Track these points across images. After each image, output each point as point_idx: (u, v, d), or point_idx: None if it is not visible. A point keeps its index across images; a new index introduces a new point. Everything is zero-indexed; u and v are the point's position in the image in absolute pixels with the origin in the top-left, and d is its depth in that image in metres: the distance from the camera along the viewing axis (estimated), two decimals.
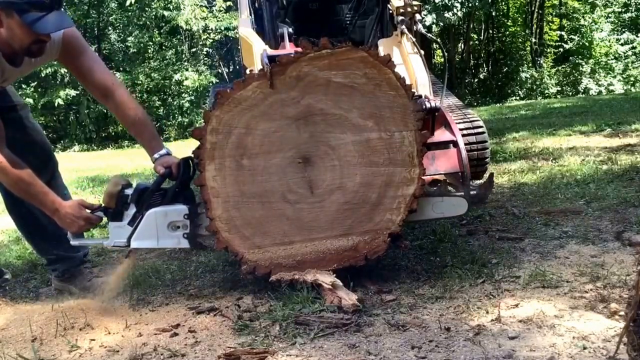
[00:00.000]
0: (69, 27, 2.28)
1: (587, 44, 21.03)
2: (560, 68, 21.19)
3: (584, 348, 1.76)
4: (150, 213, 2.40)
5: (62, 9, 2.21)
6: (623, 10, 22.21)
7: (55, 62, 2.58)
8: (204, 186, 2.32)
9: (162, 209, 2.41)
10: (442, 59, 20.28)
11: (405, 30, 3.40)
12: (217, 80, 17.31)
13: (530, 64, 21.75)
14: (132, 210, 2.43)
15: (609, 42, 21.19)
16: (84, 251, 2.87)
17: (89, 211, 2.44)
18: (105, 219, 2.49)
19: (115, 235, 2.44)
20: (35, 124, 2.75)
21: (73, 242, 2.53)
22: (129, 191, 2.44)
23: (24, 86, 15.67)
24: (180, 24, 16.97)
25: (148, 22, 17.90)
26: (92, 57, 2.50)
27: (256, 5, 4.48)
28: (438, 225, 3.18)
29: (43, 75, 15.56)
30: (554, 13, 22.80)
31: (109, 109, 2.59)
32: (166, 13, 17.16)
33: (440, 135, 3.11)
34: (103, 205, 2.46)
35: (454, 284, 2.38)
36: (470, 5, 15.63)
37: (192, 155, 2.38)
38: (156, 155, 2.51)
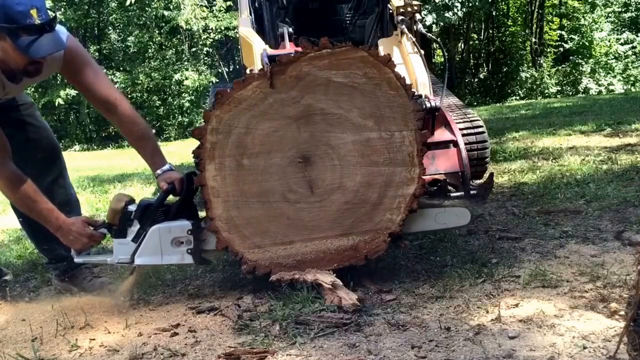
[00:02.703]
0: (62, 49, 2.23)
1: (587, 43, 21.02)
2: (560, 68, 21.19)
3: (584, 348, 1.76)
4: (154, 229, 2.39)
5: (55, 31, 2.15)
6: (623, 9, 22.21)
7: None
8: (204, 186, 2.32)
9: (165, 225, 2.40)
10: (442, 59, 20.28)
11: (405, 30, 3.41)
12: (217, 80, 17.31)
13: (530, 64, 21.75)
14: (135, 226, 2.41)
15: (609, 41, 21.18)
16: None
17: (92, 228, 2.43)
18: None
19: (119, 252, 2.43)
20: (42, 122, 2.75)
21: (77, 260, 2.51)
22: (132, 207, 2.42)
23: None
24: (181, 23, 16.97)
25: (148, 22, 17.91)
26: (94, 71, 2.46)
27: (256, 5, 4.49)
28: None
29: None
30: (554, 13, 22.80)
31: (113, 123, 2.57)
32: (166, 13, 17.16)
33: (441, 135, 3.12)
34: (107, 222, 2.45)
35: (454, 284, 2.38)
36: (470, 5, 15.62)
37: (195, 171, 2.37)
38: (159, 171, 2.50)
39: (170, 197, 2.50)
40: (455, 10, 15.03)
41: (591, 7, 21.56)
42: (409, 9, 3.50)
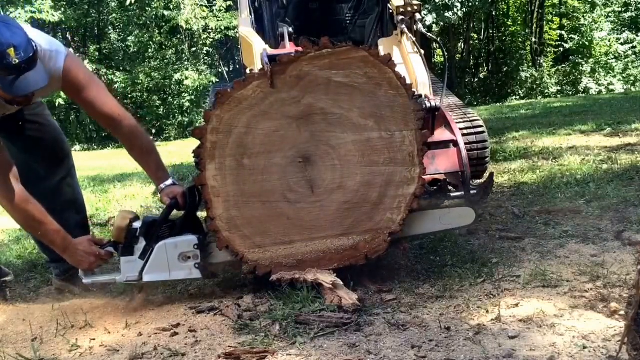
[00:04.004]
0: (42, 86, 2.17)
1: (587, 43, 21.02)
2: (560, 67, 21.20)
3: (584, 347, 1.76)
4: (160, 245, 2.39)
5: (38, 66, 2.11)
6: (623, 9, 22.20)
7: None
8: (205, 185, 2.32)
9: (171, 240, 2.40)
10: (442, 59, 20.27)
11: (406, 30, 3.41)
12: (217, 80, 17.31)
13: (530, 64, 21.75)
14: (141, 243, 2.41)
15: (609, 41, 21.18)
16: None
17: (99, 247, 2.44)
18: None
19: (127, 270, 2.42)
20: (51, 121, 2.75)
21: (85, 281, 2.50)
22: (137, 224, 2.42)
23: None
24: (181, 23, 16.97)
25: (148, 22, 17.91)
26: (96, 89, 2.43)
27: (256, 4, 4.49)
28: None
29: None
30: (554, 12, 22.80)
31: (117, 138, 2.55)
32: (166, 12, 17.16)
33: (441, 134, 3.12)
34: (112, 240, 2.45)
35: (454, 284, 2.38)
36: (470, 4, 15.62)
37: (197, 184, 2.37)
38: (162, 186, 2.51)
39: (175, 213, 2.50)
40: (455, 10, 15.04)
41: (591, 7, 21.55)
42: (409, 9, 3.50)
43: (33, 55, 2.08)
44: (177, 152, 10.13)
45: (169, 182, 2.52)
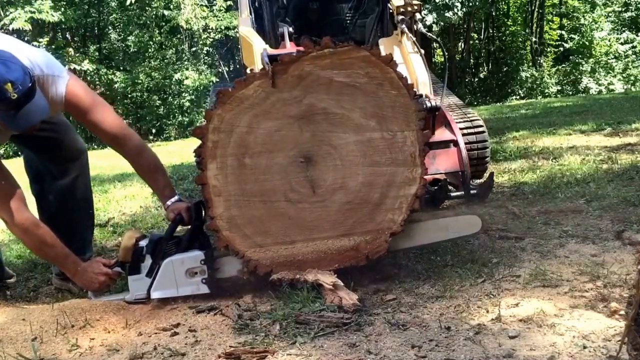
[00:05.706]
0: (44, 115, 2.20)
1: (587, 43, 21.02)
2: (560, 67, 21.19)
3: (584, 347, 1.76)
4: (167, 262, 2.41)
5: (36, 97, 2.11)
6: (623, 9, 22.20)
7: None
8: (206, 185, 2.32)
9: (178, 257, 2.42)
10: (442, 58, 20.27)
11: (406, 30, 3.41)
12: (218, 80, 17.30)
13: (530, 63, 21.75)
14: (148, 261, 2.43)
15: (609, 41, 21.17)
16: (89, 254, 2.87)
17: (107, 267, 2.47)
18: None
19: (135, 288, 2.45)
20: (63, 120, 2.76)
21: (95, 301, 2.52)
22: (143, 243, 2.45)
23: None
24: (181, 23, 16.95)
25: (148, 22, 17.88)
26: (100, 110, 2.43)
27: (256, 4, 4.49)
28: None
29: None
30: (554, 12, 22.80)
31: (123, 157, 2.56)
32: (166, 12, 17.13)
33: (441, 134, 3.12)
34: (120, 260, 2.47)
35: (454, 284, 2.38)
36: (470, 4, 15.61)
37: (203, 199, 2.37)
38: (168, 203, 2.53)
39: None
40: (456, 10, 15.01)
41: (591, 7, 21.54)
42: (409, 9, 3.51)
43: (31, 86, 2.09)
44: (177, 152, 10.12)
45: (175, 198, 2.54)
